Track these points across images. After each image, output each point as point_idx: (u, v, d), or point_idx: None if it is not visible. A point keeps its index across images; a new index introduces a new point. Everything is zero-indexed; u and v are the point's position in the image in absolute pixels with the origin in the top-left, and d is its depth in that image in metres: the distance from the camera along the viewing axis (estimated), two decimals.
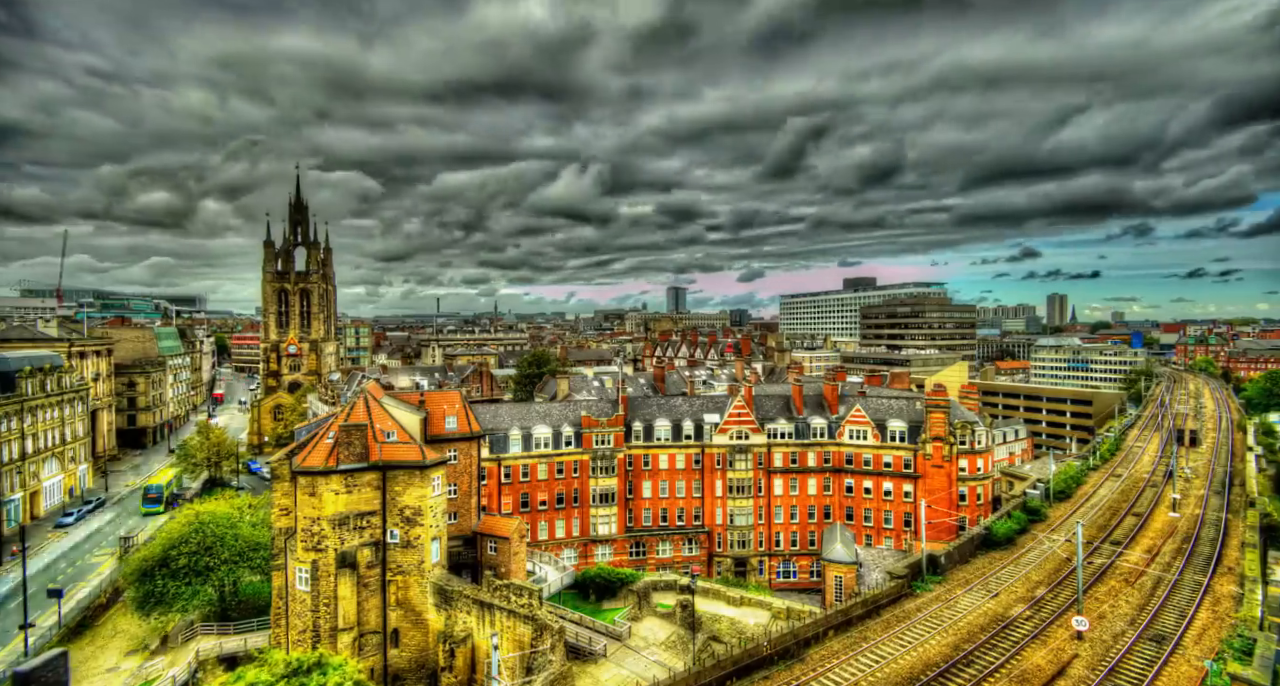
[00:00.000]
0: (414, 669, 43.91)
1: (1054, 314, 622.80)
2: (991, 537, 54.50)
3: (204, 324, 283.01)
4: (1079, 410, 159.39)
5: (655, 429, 75.26)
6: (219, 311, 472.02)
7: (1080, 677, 33.39)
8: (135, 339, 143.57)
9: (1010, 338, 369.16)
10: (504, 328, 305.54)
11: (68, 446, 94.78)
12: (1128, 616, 40.25)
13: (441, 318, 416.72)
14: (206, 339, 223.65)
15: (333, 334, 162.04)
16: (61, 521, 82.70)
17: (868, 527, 73.77)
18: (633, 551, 73.42)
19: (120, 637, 56.04)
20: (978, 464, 70.59)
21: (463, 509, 55.56)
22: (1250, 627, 35.79)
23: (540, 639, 38.71)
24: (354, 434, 43.61)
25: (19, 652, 51.46)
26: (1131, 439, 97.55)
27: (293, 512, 45.59)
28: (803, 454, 75.96)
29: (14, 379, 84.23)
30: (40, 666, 14.14)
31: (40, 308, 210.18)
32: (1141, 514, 60.50)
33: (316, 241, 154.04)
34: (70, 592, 60.93)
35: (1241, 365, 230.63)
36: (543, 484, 71.21)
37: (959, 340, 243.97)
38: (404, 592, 43.97)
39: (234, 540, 54.45)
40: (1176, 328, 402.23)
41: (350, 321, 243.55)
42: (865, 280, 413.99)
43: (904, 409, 75.31)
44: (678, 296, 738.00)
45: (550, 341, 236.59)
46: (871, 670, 34.61)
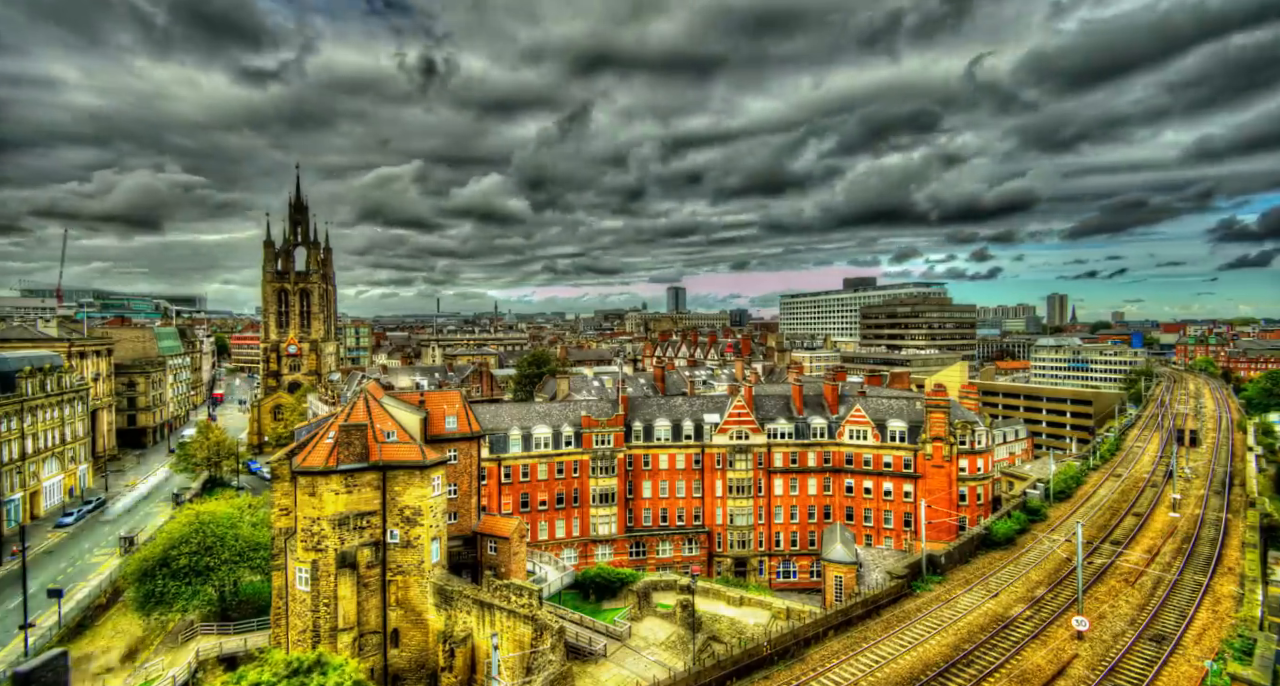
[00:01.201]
0: (414, 669, 43.90)
1: (1054, 314, 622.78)
2: (991, 537, 54.48)
3: (204, 324, 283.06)
4: (1079, 410, 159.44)
5: (655, 429, 75.26)
6: (219, 311, 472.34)
7: (1080, 677, 33.37)
8: (135, 339, 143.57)
9: (1010, 337, 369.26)
10: (504, 327, 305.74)
11: (68, 446, 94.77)
12: (1128, 616, 40.23)
13: (442, 317, 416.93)
14: (206, 339, 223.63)
15: (333, 334, 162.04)
16: (61, 521, 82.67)
17: (868, 527, 73.76)
18: (633, 551, 73.41)
19: (120, 637, 56.04)
20: (978, 464, 70.59)
21: (463, 509, 55.56)
22: (1250, 627, 35.79)
23: (540, 639, 38.70)
24: (354, 434, 43.60)
25: (19, 652, 51.46)
26: (1131, 439, 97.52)
27: (293, 512, 45.60)
28: (803, 454, 75.95)
29: (14, 379, 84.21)
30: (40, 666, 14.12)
31: (40, 308, 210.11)
32: (1141, 514, 60.48)
33: (316, 241, 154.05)
34: (70, 592, 60.94)
35: (1241, 365, 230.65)
36: (543, 484, 71.20)
37: (959, 340, 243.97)
38: (404, 592, 43.97)
39: (234, 540, 54.43)
40: (1177, 327, 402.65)
41: (350, 321, 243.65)
42: (865, 280, 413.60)
43: (904, 409, 75.30)
44: (678, 296, 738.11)
45: (550, 341, 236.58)
46: (871, 670, 34.59)
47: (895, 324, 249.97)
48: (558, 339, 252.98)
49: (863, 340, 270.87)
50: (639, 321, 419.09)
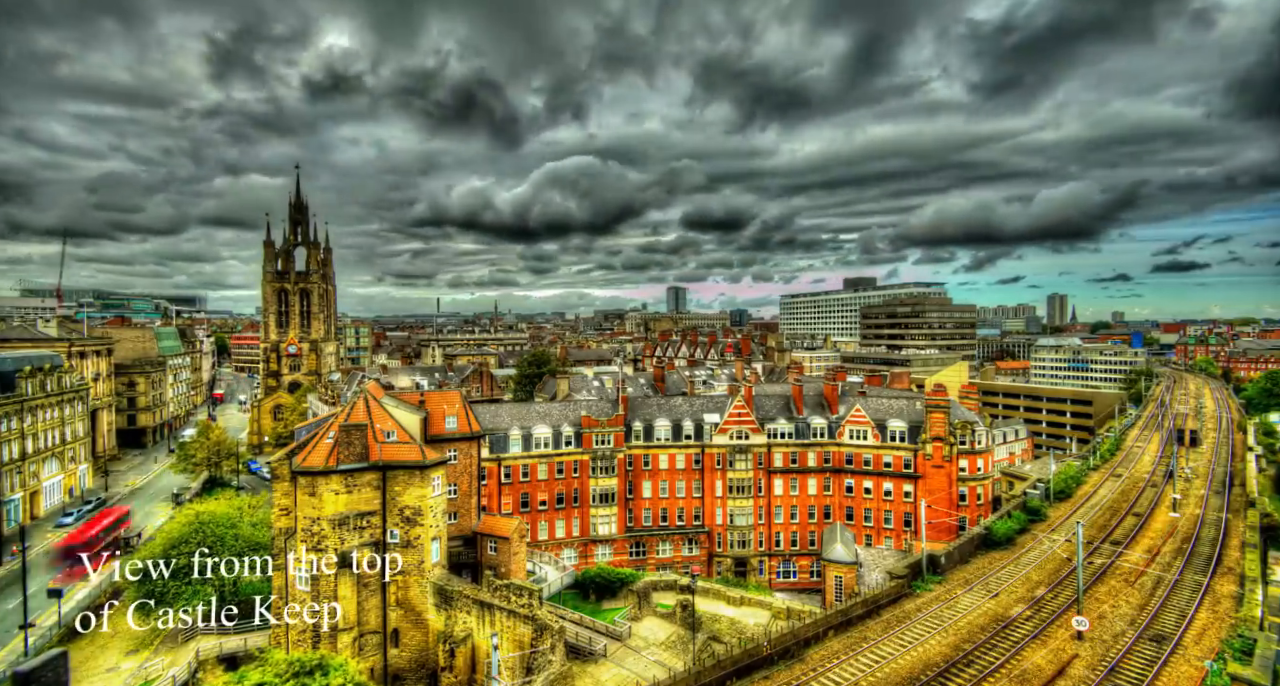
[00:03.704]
0: (414, 669, 43.92)
1: (1054, 314, 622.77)
2: (991, 537, 54.49)
3: (204, 324, 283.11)
4: (1079, 410, 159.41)
5: (655, 429, 75.24)
6: (219, 311, 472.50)
7: (1080, 677, 33.39)
8: (135, 339, 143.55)
9: (1010, 337, 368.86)
10: (504, 327, 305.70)
11: (68, 446, 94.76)
12: (1128, 616, 40.24)
13: (441, 317, 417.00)
14: (206, 339, 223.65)
15: (333, 334, 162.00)
16: (61, 521, 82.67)
17: (868, 527, 73.75)
18: (633, 551, 73.40)
19: (120, 637, 56.01)
20: (978, 464, 70.58)
21: (463, 509, 55.57)
22: (1250, 627, 35.79)
23: (540, 639, 38.72)
24: (354, 434, 43.61)
25: (19, 652, 51.46)
26: (1131, 439, 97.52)
27: (293, 512, 45.58)
28: (803, 454, 75.94)
29: (14, 379, 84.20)
30: (40, 666, 14.09)
31: (40, 307, 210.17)
32: (1142, 514, 60.48)
33: (316, 241, 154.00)
34: (70, 593, 60.93)
35: (1242, 365, 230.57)
36: (543, 484, 71.19)
37: (959, 340, 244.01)
38: (404, 592, 43.99)
39: (234, 540, 54.41)
40: (1177, 327, 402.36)
41: (350, 321, 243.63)
42: (865, 280, 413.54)
43: (904, 409, 75.29)
44: (678, 296, 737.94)
45: (550, 341, 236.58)
46: (871, 670, 34.60)
47: (895, 324, 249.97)
48: (558, 339, 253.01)
49: (863, 340, 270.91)
50: (639, 321, 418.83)
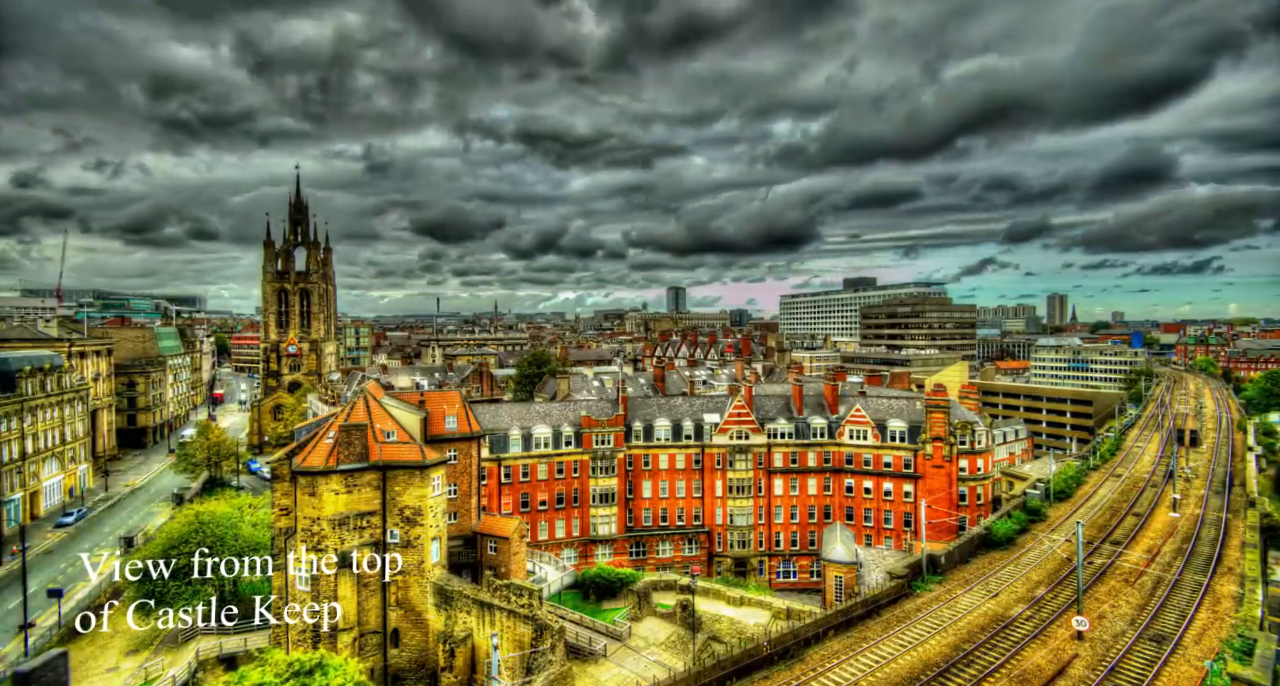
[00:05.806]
0: (414, 669, 43.91)
1: (1054, 314, 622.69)
2: (991, 537, 54.45)
3: (204, 324, 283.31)
4: (1079, 410, 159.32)
5: (655, 429, 75.25)
6: (219, 311, 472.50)
7: (1080, 677, 33.37)
8: (135, 339, 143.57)
9: (1010, 337, 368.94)
10: (504, 327, 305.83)
11: (68, 446, 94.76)
12: (1128, 616, 40.23)
13: (441, 317, 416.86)
14: (206, 339, 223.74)
15: (333, 334, 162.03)
16: (61, 521, 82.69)
17: (868, 527, 73.76)
18: (633, 551, 73.41)
19: (120, 637, 56.01)
20: (978, 464, 70.59)
21: (463, 509, 55.55)
22: (1250, 628, 35.81)
23: (540, 639, 38.71)
24: (354, 434, 43.59)
25: (19, 652, 51.47)
26: (1131, 439, 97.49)
27: (293, 512, 45.57)
28: (803, 454, 75.94)
29: (14, 379, 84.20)
30: (40, 666, 14.09)
31: (40, 307, 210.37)
32: (1141, 514, 60.47)
33: (316, 241, 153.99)
34: (70, 592, 60.94)
35: (1242, 365, 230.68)
36: (543, 484, 71.20)
37: (959, 340, 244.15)
38: (404, 592, 43.98)
39: (234, 540, 54.44)
40: (1177, 327, 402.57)
41: (350, 321, 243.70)
42: (865, 280, 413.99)
43: (904, 409, 75.29)
44: (678, 296, 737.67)
45: (550, 341, 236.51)
46: (871, 670, 34.58)
47: (895, 324, 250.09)
48: (558, 339, 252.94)
49: (863, 340, 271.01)
50: (639, 321, 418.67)
